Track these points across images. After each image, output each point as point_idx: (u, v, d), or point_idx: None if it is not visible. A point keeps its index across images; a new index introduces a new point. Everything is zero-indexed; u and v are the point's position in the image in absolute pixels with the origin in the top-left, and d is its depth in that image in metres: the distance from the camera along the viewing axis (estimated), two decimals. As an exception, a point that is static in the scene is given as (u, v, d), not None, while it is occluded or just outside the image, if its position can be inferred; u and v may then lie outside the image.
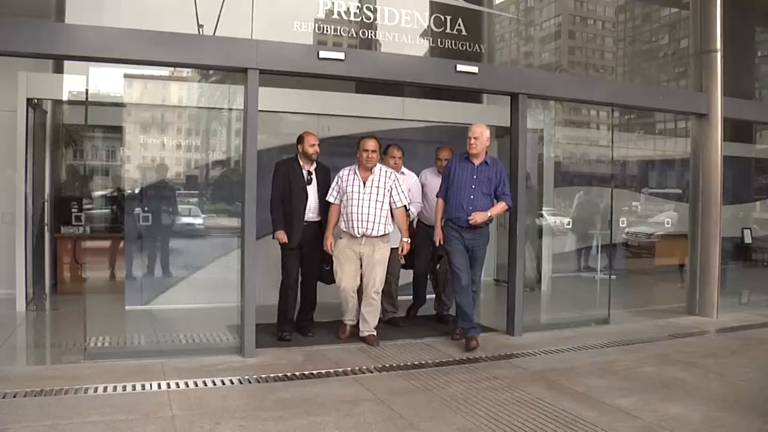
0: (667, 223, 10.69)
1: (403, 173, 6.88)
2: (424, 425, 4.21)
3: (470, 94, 7.58)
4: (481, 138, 6.17)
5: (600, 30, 12.01)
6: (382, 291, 6.49)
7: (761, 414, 4.43)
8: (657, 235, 10.83)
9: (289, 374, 5.25)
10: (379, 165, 6.29)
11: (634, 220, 10.67)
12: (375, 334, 6.31)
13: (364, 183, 6.18)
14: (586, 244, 9.66)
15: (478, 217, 6.10)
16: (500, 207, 6.31)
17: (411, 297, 7.45)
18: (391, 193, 6.23)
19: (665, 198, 12.05)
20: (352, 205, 6.15)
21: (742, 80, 11.04)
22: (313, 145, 6.37)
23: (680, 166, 11.47)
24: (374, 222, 6.15)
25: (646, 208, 11.78)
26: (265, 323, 6.13)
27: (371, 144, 6.18)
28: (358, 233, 6.15)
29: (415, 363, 5.69)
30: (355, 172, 6.24)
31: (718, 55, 8.01)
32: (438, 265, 6.50)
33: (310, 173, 6.42)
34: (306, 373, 5.29)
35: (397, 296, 7.16)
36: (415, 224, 7.03)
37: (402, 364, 5.64)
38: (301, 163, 6.41)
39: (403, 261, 6.54)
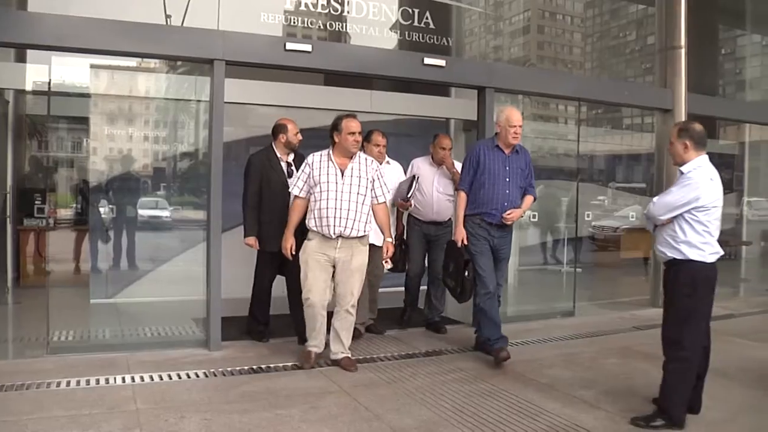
0: (632, 217, 10.84)
1: (388, 163, 6.29)
2: (389, 417, 4.24)
3: (438, 88, 7.60)
4: (521, 125, 5.66)
5: (569, 25, 12.11)
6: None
7: (723, 401, 4.53)
8: (622, 228, 10.98)
9: (254, 367, 5.24)
10: (358, 152, 5.32)
11: (601, 213, 10.81)
12: (351, 356, 5.33)
13: (343, 172, 5.14)
14: (552, 238, 9.74)
15: (515, 215, 5.59)
16: (528, 201, 5.80)
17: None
18: (373, 185, 5.25)
19: (631, 192, 12.20)
20: (327, 199, 5.07)
21: (706, 77, 11.21)
22: (298, 133, 5.86)
23: (646, 161, 11.61)
24: (354, 220, 5.10)
25: (613, 202, 11.93)
26: (232, 316, 6.08)
27: (358, 125, 5.21)
28: (334, 234, 5.08)
29: (381, 356, 5.72)
30: (331, 159, 5.17)
31: (683, 51, 8.13)
32: (467, 272, 5.53)
33: (290, 165, 5.85)
34: (272, 365, 5.29)
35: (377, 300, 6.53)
36: (404, 220, 6.65)
37: (368, 356, 5.65)
38: (279, 155, 5.85)
39: (389, 265, 5.68)
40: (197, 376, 5.00)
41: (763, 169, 12.13)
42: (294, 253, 5.29)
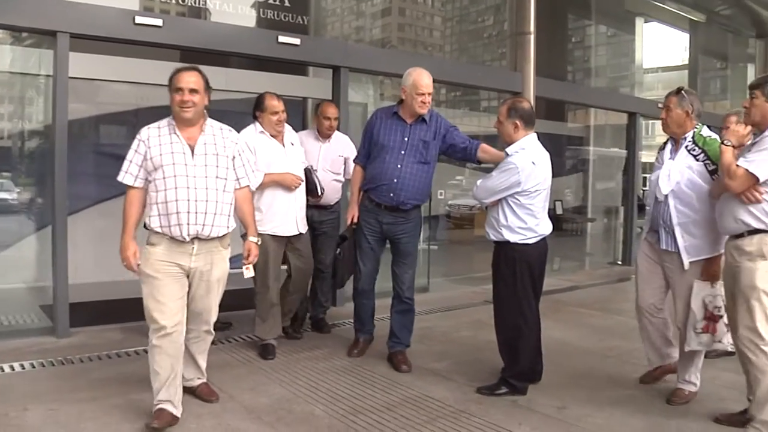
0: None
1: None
2: (243, 397, 4.25)
3: (296, 67, 7.56)
4: (432, 92, 4.83)
5: (429, 8, 12.31)
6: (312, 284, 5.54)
7: (563, 367, 4.85)
8: (477, 207, 11.39)
9: (106, 353, 5.08)
10: (210, 120, 3.93)
11: (459, 192, 11.13)
12: (207, 381, 4.26)
13: (192, 149, 3.76)
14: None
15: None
16: (489, 148, 5.05)
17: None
18: (234, 164, 3.94)
19: (488, 172, 12.60)
20: (176, 188, 3.69)
21: (556, 63, 11.82)
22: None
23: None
24: (215, 214, 3.77)
25: (470, 182, 12.35)
26: (82, 302, 5.82)
27: (188, 81, 3.74)
28: (187, 235, 3.72)
29: (236, 337, 5.68)
30: (174, 131, 3.77)
31: (532, 37, 8.46)
32: (339, 251, 4.94)
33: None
34: (123, 351, 5.14)
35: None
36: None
37: (223, 339, 5.57)
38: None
39: (251, 273, 4.15)
40: (43, 365, 4.78)
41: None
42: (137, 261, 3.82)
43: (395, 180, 4.78)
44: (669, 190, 4.13)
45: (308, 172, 5.37)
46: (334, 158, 5.84)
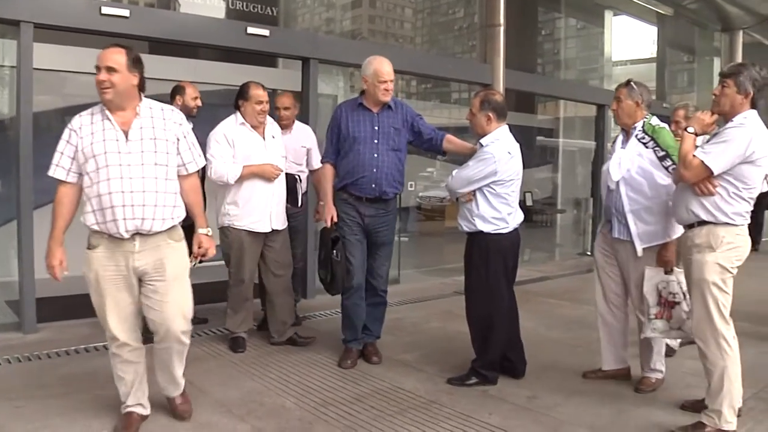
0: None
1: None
2: (214, 390, 4.24)
3: (267, 58, 7.53)
4: (393, 80, 4.71)
5: (400, 0, 12.31)
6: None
7: (533, 358, 4.88)
8: (448, 198, 11.41)
9: (73, 348, 5.02)
10: (147, 100, 3.48)
11: (430, 184, 11.17)
12: (186, 394, 3.89)
13: (126, 134, 3.34)
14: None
15: None
16: (456, 139, 4.97)
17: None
18: (178, 147, 3.51)
19: (458, 165, 12.61)
20: (109, 179, 3.27)
21: (526, 55, 11.90)
22: (197, 97, 5.21)
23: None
24: (155, 205, 3.35)
25: (441, 174, 12.39)
26: (49, 297, 5.70)
27: (108, 56, 3.32)
28: (126, 231, 3.32)
29: (206, 331, 5.65)
30: (107, 117, 3.34)
31: (501, 29, 8.54)
32: (335, 252, 4.69)
33: None
34: (91, 346, 5.08)
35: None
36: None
37: (192, 332, 5.47)
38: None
39: (196, 262, 3.78)
40: (9, 362, 4.70)
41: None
42: (63, 267, 3.43)
43: (374, 170, 4.66)
44: (620, 177, 4.18)
45: (294, 181, 5.30)
46: (296, 149, 5.68)
